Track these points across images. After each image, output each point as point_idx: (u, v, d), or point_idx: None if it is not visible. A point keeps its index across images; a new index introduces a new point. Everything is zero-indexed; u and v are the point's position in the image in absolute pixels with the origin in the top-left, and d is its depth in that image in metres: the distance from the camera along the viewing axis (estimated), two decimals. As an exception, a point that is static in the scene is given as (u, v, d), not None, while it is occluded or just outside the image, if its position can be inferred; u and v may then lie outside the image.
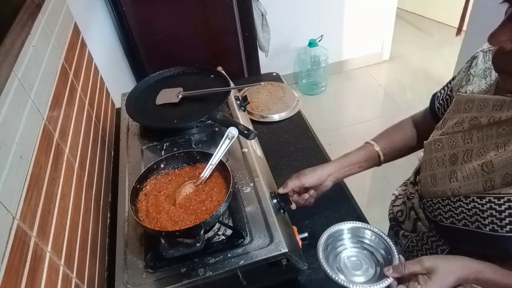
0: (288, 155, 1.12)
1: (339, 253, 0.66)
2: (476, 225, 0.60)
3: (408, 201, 0.82)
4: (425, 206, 0.73)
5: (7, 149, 0.54)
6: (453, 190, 0.63)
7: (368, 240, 0.66)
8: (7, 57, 0.58)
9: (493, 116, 0.58)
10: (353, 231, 0.67)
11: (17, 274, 0.48)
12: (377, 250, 0.64)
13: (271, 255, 0.68)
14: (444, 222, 0.67)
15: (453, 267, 0.58)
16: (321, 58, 2.86)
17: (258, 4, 2.01)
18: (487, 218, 0.58)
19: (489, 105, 0.59)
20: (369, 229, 0.65)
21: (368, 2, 2.86)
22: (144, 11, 1.78)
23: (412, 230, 0.81)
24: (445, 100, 0.79)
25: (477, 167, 0.60)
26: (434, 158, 0.69)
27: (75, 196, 0.76)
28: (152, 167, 0.81)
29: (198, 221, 0.70)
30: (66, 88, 0.88)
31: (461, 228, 0.63)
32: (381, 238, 0.65)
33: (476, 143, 0.61)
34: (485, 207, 0.58)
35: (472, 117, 0.62)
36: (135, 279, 0.68)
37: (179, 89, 1.08)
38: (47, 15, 0.86)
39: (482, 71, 0.67)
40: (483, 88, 0.64)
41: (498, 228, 0.57)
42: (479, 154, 0.60)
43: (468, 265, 0.59)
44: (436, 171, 0.68)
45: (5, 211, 0.49)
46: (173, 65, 1.20)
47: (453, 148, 0.65)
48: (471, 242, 0.63)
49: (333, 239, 0.66)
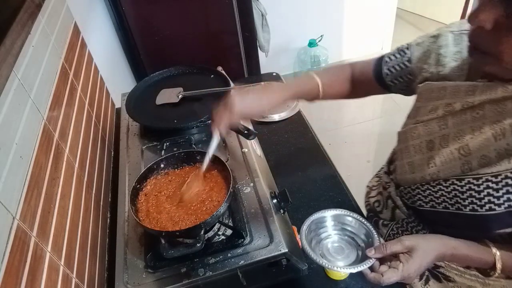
0: (288, 155, 1.12)
1: (322, 239, 0.66)
2: (456, 206, 0.62)
3: (384, 191, 0.83)
4: (403, 193, 0.75)
5: (7, 149, 0.54)
6: (432, 175, 0.65)
7: (350, 226, 0.67)
8: (7, 57, 0.58)
9: (467, 101, 0.59)
10: (335, 218, 0.68)
11: (17, 274, 0.48)
12: (358, 235, 0.66)
13: (271, 255, 0.68)
14: (424, 207, 0.68)
15: (432, 245, 0.61)
16: (321, 58, 2.86)
17: (258, 4, 2.01)
18: (467, 199, 0.60)
19: (462, 91, 0.61)
20: (350, 215, 0.67)
21: (368, 2, 2.87)
22: (144, 11, 1.78)
23: (391, 218, 0.82)
24: (397, 68, 0.77)
25: (454, 151, 0.61)
26: (410, 146, 0.70)
27: (75, 196, 0.76)
28: (152, 167, 0.81)
29: (198, 221, 0.70)
30: (66, 88, 0.88)
31: (441, 211, 0.65)
32: (361, 223, 0.66)
33: (452, 128, 0.63)
34: (464, 189, 0.60)
35: (446, 104, 0.63)
36: (135, 279, 0.68)
37: (179, 89, 1.08)
38: (47, 15, 0.86)
39: (453, 53, 0.67)
40: (456, 73, 0.65)
41: (477, 207, 0.59)
42: (456, 139, 0.61)
43: (445, 242, 0.62)
44: (414, 158, 0.69)
45: (5, 211, 0.49)
46: (173, 65, 1.20)
47: (429, 135, 0.66)
48: (452, 224, 0.65)
49: (316, 226, 0.67)
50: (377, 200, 0.87)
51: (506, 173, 0.55)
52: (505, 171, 0.55)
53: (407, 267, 0.58)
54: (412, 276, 0.59)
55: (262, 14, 2.04)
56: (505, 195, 0.56)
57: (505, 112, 0.55)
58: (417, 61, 0.73)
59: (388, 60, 0.78)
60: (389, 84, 0.79)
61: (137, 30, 1.81)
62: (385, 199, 0.83)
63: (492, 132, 0.56)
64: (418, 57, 0.73)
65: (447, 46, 0.68)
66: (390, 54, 0.79)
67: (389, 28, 3.08)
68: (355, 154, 2.34)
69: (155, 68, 1.20)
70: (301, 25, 2.82)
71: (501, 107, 0.56)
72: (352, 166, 2.12)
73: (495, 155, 0.56)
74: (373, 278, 0.59)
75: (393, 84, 0.78)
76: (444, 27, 0.70)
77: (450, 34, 0.68)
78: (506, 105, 0.55)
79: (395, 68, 0.77)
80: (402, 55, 0.76)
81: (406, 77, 0.76)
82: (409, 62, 0.74)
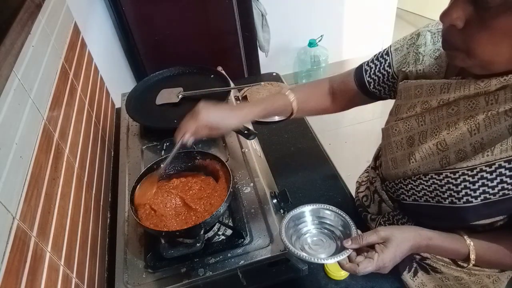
0: (288, 155, 1.12)
1: (302, 234, 0.67)
2: (436, 199, 0.64)
3: (371, 185, 0.85)
4: (388, 187, 0.77)
5: (7, 149, 0.54)
6: (413, 170, 0.67)
7: (328, 220, 0.67)
8: (7, 57, 0.58)
9: (442, 98, 0.62)
10: (313, 212, 0.68)
11: (17, 274, 0.48)
12: (337, 228, 0.66)
13: (271, 255, 0.68)
14: (407, 200, 0.70)
15: (407, 235, 0.62)
16: (321, 58, 2.86)
17: (258, 4, 2.01)
18: (446, 192, 0.61)
19: (437, 88, 0.63)
20: (328, 208, 0.67)
21: (368, 2, 2.86)
22: (144, 11, 1.78)
23: (378, 212, 0.84)
24: (378, 75, 0.79)
25: (432, 147, 0.63)
26: (393, 142, 0.72)
27: (75, 196, 0.76)
28: (152, 167, 0.81)
29: (198, 221, 0.70)
30: (66, 88, 0.88)
31: (423, 204, 0.67)
32: (338, 215, 0.67)
33: (429, 125, 0.65)
34: (443, 182, 0.61)
35: (423, 101, 0.66)
36: (135, 279, 0.68)
37: (179, 89, 1.08)
38: (47, 15, 0.86)
39: (432, 51, 0.69)
40: (435, 70, 0.67)
41: (456, 200, 0.60)
42: (433, 135, 0.64)
43: (420, 233, 0.63)
44: (396, 154, 0.71)
45: (5, 211, 0.49)
46: (173, 65, 1.20)
47: (409, 131, 0.69)
48: (433, 216, 0.67)
49: (295, 222, 0.67)
50: (365, 195, 0.89)
51: (481, 167, 0.56)
52: (479, 164, 0.56)
53: (382, 257, 0.59)
54: (388, 266, 0.60)
55: (262, 14, 2.04)
56: (480, 188, 0.57)
57: (478, 107, 0.58)
58: (398, 65, 0.75)
59: (368, 68, 0.81)
60: (373, 92, 0.81)
61: (137, 30, 1.81)
62: (372, 194, 0.85)
63: (467, 128, 0.58)
64: (399, 61, 0.75)
65: (425, 45, 0.70)
66: (369, 62, 0.81)
67: (389, 28, 3.08)
68: (355, 154, 2.34)
69: (155, 68, 1.20)
70: (301, 25, 2.82)
71: (474, 103, 0.58)
72: (352, 166, 2.12)
73: (471, 150, 0.58)
74: (349, 268, 0.60)
75: (377, 91, 0.81)
76: (422, 27, 0.72)
77: (428, 33, 0.70)
78: (479, 101, 0.57)
79: (377, 75, 0.79)
80: (381, 62, 0.78)
81: (389, 82, 0.78)
82: (389, 67, 0.77)
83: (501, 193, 0.56)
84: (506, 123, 0.54)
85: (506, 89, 0.54)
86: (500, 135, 0.54)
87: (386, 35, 3.12)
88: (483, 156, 0.56)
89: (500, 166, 0.54)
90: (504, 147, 0.54)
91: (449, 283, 0.76)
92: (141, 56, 1.91)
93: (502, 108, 0.54)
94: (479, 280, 0.75)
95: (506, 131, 0.54)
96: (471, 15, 0.50)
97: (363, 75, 0.81)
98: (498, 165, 0.55)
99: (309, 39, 2.81)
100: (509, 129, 0.54)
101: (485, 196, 0.57)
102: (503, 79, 0.54)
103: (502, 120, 0.54)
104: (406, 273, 0.79)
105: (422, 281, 0.78)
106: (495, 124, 0.55)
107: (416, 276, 0.79)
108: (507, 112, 0.54)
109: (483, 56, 0.53)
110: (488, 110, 0.56)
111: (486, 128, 0.56)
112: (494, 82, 0.55)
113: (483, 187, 0.57)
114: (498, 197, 0.56)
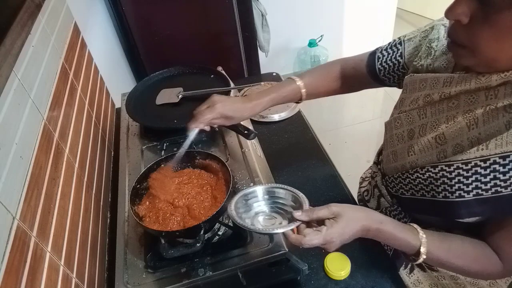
0: (288, 155, 1.12)
1: (256, 214, 0.66)
2: (431, 194, 0.64)
3: (372, 180, 0.86)
4: (387, 182, 0.77)
5: (7, 149, 0.54)
6: (411, 163, 0.67)
7: (281, 199, 0.67)
8: (7, 57, 0.58)
9: (444, 92, 0.62)
10: (266, 192, 0.68)
11: (17, 274, 0.48)
12: (288, 204, 0.66)
13: (271, 255, 0.68)
14: (405, 195, 0.71)
15: (358, 215, 0.62)
16: (321, 58, 2.86)
17: (258, 4, 2.01)
18: (440, 185, 0.62)
19: (440, 82, 0.64)
20: (280, 187, 0.67)
21: (368, 2, 2.86)
22: (144, 11, 1.78)
23: (376, 207, 0.84)
24: (390, 64, 0.79)
25: (431, 140, 0.64)
26: (394, 135, 0.73)
27: (75, 196, 0.76)
28: (152, 167, 0.81)
29: (198, 221, 0.70)
30: (66, 88, 0.88)
31: (419, 199, 0.67)
32: (288, 191, 0.66)
33: (430, 118, 0.65)
34: (438, 175, 0.62)
35: (426, 95, 0.66)
36: (135, 279, 0.68)
37: (179, 89, 1.08)
38: (47, 15, 0.86)
39: (443, 46, 0.69)
40: (443, 65, 0.68)
41: (449, 194, 0.61)
42: (433, 128, 0.64)
43: (372, 215, 0.63)
44: (397, 147, 0.72)
45: (5, 211, 0.49)
46: (173, 65, 1.20)
47: (410, 124, 0.69)
48: (429, 211, 0.67)
49: (247, 200, 0.67)
50: (366, 190, 0.90)
51: (475, 161, 0.57)
52: (474, 159, 0.57)
53: (330, 231, 0.58)
54: (335, 242, 0.59)
55: (262, 14, 2.04)
56: (474, 183, 0.58)
57: (477, 102, 0.58)
58: (409, 56, 0.76)
59: (380, 55, 0.81)
60: (383, 79, 0.82)
61: (137, 30, 1.81)
62: (372, 188, 0.86)
63: (466, 122, 0.58)
64: (410, 52, 0.76)
65: (438, 39, 0.70)
66: (383, 49, 0.81)
67: (389, 28, 3.08)
68: (355, 154, 2.34)
69: (155, 68, 1.20)
70: (301, 25, 2.82)
71: (474, 97, 0.58)
72: (352, 166, 2.12)
73: (468, 144, 0.58)
74: (294, 239, 0.58)
75: (387, 78, 0.82)
76: (437, 20, 0.72)
77: (442, 26, 0.70)
78: (479, 95, 0.58)
79: (388, 64, 0.80)
80: (394, 51, 0.79)
81: (399, 71, 0.79)
82: (401, 57, 0.77)
83: (494, 189, 0.56)
84: (504, 119, 0.54)
85: (507, 85, 0.54)
86: (498, 130, 0.55)
87: (386, 35, 3.12)
88: (477, 150, 0.56)
89: (495, 162, 0.55)
90: (499, 142, 0.54)
91: (445, 282, 0.77)
92: (141, 56, 1.91)
93: (501, 103, 0.54)
94: (475, 281, 0.75)
95: (504, 127, 0.54)
96: (475, 11, 0.51)
97: (375, 62, 0.82)
98: (492, 160, 0.55)
99: (309, 39, 2.81)
100: (507, 125, 0.54)
101: (478, 191, 0.58)
102: (503, 75, 0.54)
103: (501, 116, 0.54)
104: (402, 269, 0.80)
105: (418, 278, 0.79)
106: (493, 119, 0.55)
107: (412, 273, 0.79)
108: (506, 108, 0.54)
109: (487, 52, 0.53)
110: (487, 104, 0.56)
111: (484, 123, 0.56)
112: (495, 78, 0.55)
113: (476, 182, 0.57)
114: (491, 193, 0.56)
